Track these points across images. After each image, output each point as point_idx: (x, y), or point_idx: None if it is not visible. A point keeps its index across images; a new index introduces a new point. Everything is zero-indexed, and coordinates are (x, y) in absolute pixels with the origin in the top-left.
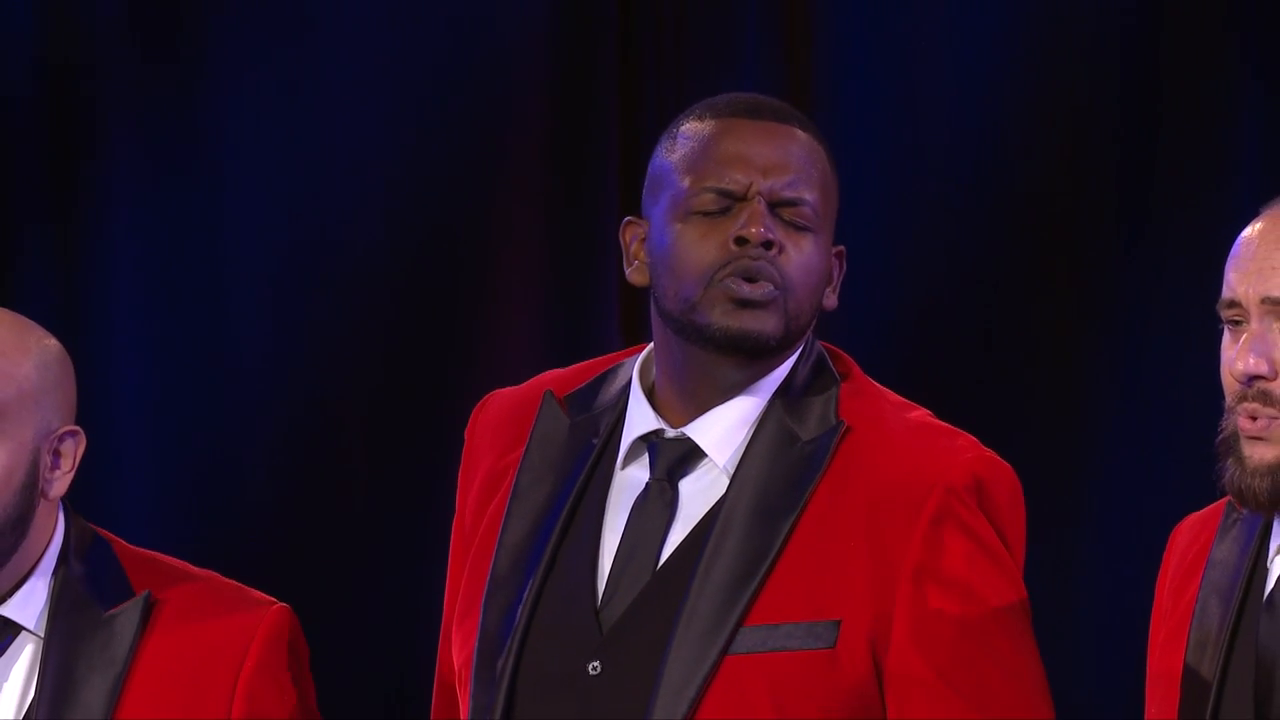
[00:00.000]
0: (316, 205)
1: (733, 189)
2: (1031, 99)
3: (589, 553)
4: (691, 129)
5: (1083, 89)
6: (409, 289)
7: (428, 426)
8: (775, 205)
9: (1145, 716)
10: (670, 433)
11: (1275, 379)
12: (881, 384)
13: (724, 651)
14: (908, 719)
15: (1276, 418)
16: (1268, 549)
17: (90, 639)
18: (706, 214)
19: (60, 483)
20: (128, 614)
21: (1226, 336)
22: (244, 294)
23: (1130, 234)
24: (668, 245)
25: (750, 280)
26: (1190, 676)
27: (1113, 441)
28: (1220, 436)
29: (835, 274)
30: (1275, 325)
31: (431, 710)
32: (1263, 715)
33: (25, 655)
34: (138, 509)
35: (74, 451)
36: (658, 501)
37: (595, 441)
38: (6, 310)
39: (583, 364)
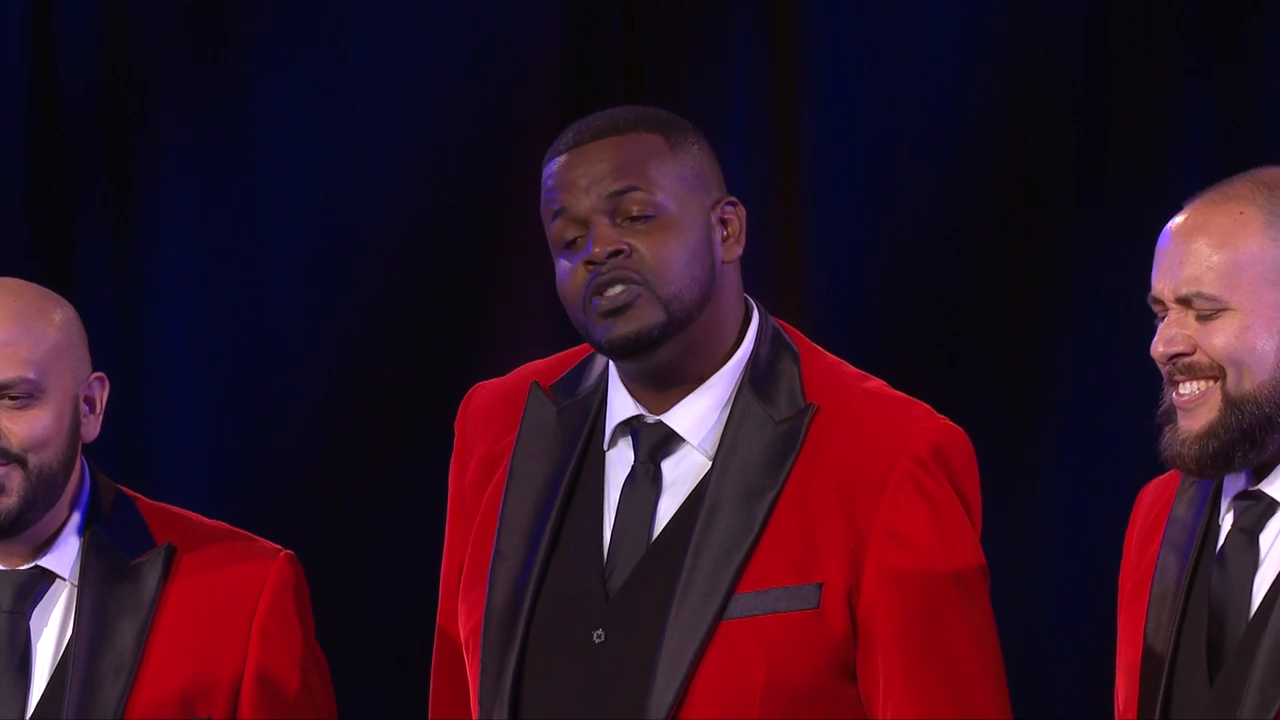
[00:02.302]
0: (348, 192)
1: (573, 215)
2: (996, 92)
3: (591, 528)
4: (543, 173)
5: (1041, 84)
6: (433, 267)
7: (451, 396)
8: (612, 212)
9: (1117, 664)
10: (650, 419)
11: (1194, 352)
12: (857, 348)
13: (718, 617)
14: (871, 671)
15: (1201, 385)
16: (1219, 509)
17: (119, 586)
18: (569, 247)
19: (94, 426)
20: (152, 562)
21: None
22: (283, 273)
23: (1085, 214)
24: (556, 282)
25: (607, 291)
26: (1153, 625)
27: (1068, 407)
28: (1160, 409)
29: (734, 226)
30: (1190, 313)
31: (431, 671)
32: (1214, 658)
33: (61, 601)
34: (185, 468)
35: (102, 395)
36: (644, 481)
37: (583, 425)
38: (19, 280)
39: (559, 355)
